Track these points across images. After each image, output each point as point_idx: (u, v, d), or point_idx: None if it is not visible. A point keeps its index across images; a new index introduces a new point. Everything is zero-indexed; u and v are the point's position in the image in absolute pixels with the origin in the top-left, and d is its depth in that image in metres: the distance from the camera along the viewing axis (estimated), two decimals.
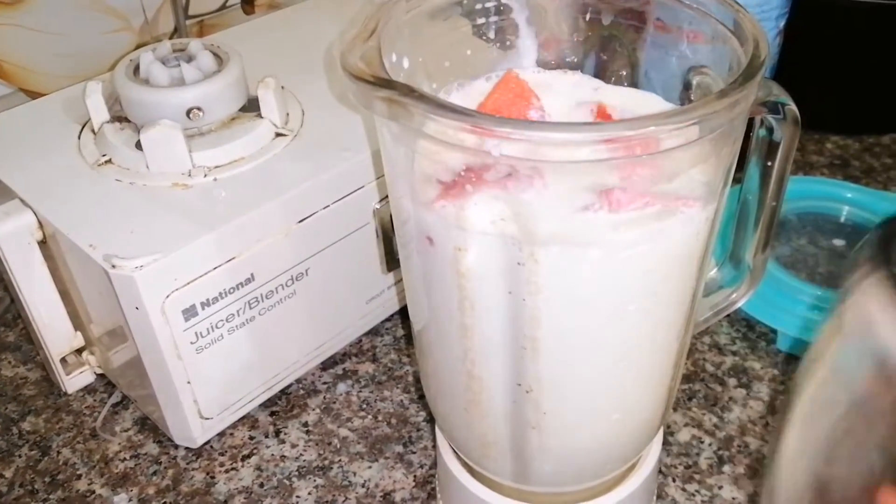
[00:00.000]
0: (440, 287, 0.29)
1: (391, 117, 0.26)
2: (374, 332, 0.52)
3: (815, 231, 0.57)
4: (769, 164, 0.33)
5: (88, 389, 0.49)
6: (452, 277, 0.28)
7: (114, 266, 0.37)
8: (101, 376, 0.49)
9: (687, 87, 0.33)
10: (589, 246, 0.26)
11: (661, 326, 0.29)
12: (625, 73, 0.34)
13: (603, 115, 0.32)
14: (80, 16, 0.62)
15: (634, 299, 0.27)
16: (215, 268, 0.39)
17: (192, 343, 0.40)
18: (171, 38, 0.67)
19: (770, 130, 0.32)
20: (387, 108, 0.25)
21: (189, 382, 0.41)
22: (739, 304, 0.37)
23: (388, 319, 0.52)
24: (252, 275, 0.41)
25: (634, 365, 0.30)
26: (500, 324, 0.28)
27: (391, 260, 0.48)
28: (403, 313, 0.53)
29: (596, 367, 0.29)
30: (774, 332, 0.50)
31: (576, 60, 0.35)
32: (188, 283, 0.39)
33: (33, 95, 0.62)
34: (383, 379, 0.49)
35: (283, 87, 0.47)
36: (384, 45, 0.28)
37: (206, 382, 0.42)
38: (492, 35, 0.34)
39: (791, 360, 0.49)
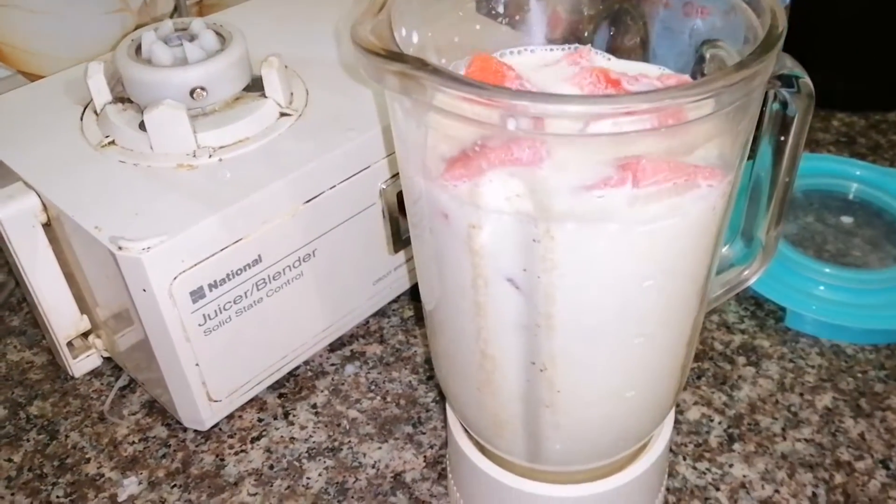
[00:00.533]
0: (453, 265, 0.29)
1: (403, 92, 0.25)
2: (381, 313, 0.52)
3: (822, 208, 0.56)
4: (782, 138, 0.32)
5: (95, 373, 0.49)
6: (466, 255, 0.28)
7: (120, 248, 0.37)
8: (107, 360, 0.49)
9: (700, 60, 0.32)
10: (606, 221, 0.25)
11: (676, 303, 0.29)
12: (636, 48, 0.34)
13: (608, 81, 0.31)
14: None
15: (651, 275, 0.27)
16: (222, 249, 0.39)
17: (199, 325, 0.40)
18: (170, 17, 0.67)
19: (783, 105, 0.31)
20: (399, 82, 0.25)
21: (197, 365, 0.41)
22: (752, 282, 0.37)
23: (394, 301, 0.52)
24: (259, 256, 0.41)
25: (649, 342, 0.30)
26: (515, 301, 0.28)
27: (398, 240, 0.48)
28: (410, 294, 0.53)
29: (611, 344, 0.29)
30: (783, 309, 0.50)
31: (585, 35, 0.34)
32: (195, 265, 0.38)
33: (32, 77, 0.61)
34: (391, 360, 0.49)
35: (286, 67, 0.47)
36: (394, 20, 0.27)
37: (215, 365, 0.42)
38: (500, 10, 0.33)
39: (800, 339, 0.49)
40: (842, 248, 0.54)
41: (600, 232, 0.26)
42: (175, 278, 0.38)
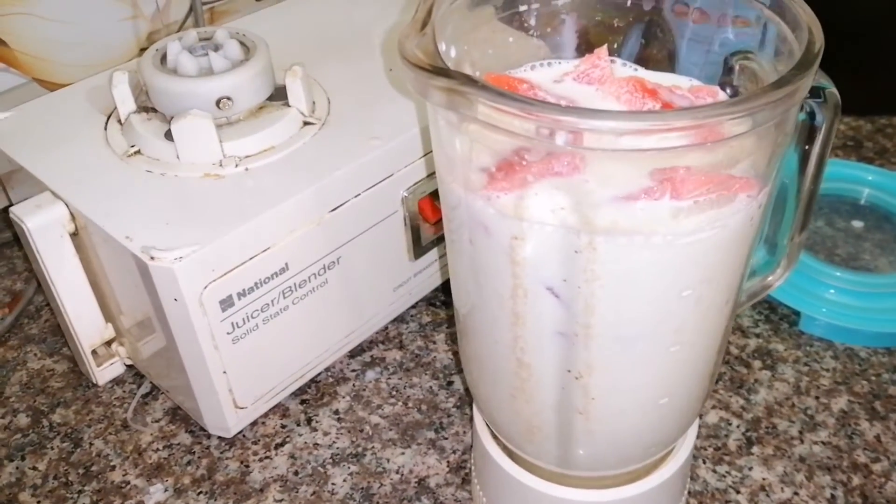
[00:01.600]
0: (493, 274, 0.29)
1: (449, 106, 0.26)
2: (399, 319, 0.52)
3: (833, 213, 0.57)
4: (808, 147, 0.33)
5: (117, 381, 0.49)
6: (506, 266, 0.28)
7: (153, 258, 0.37)
8: (129, 367, 0.49)
9: (728, 71, 0.33)
10: (648, 234, 0.26)
11: (711, 311, 0.30)
12: (664, 59, 0.34)
13: (645, 91, 0.32)
14: (92, 4, 0.62)
15: (690, 285, 0.28)
16: (251, 258, 0.39)
17: (228, 333, 0.40)
18: (182, 24, 0.67)
19: (810, 115, 0.32)
20: (445, 97, 0.25)
21: (225, 372, 0.41)
22: (775, 288, 0.37)
23: (413, 307, 0.53)
24: (286, 264, 0.41)
25: (684, 350, 0.30)
26: (554, 310, 0.29)
27: (419, 247, 0.48)
28: (427, 300, 0.53)
29: (647, 352, 0.30)
30: (797, 314, 0.51)
31: (615, 46, 0.35)
32: (225, 274, 0.39)
33: (47, 85, 0.61)
34: (411, 366, 0.50)
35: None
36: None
37: (242, 372, 0.42)
38: (532, 22, 0.34)
39: (814, 342, 0.50)
40: (852, 252, 0.54)
41: (642, 244, 0.26)
42: (206, 287, 0.38)
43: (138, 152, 0.43)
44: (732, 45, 0.32)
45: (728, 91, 0.32)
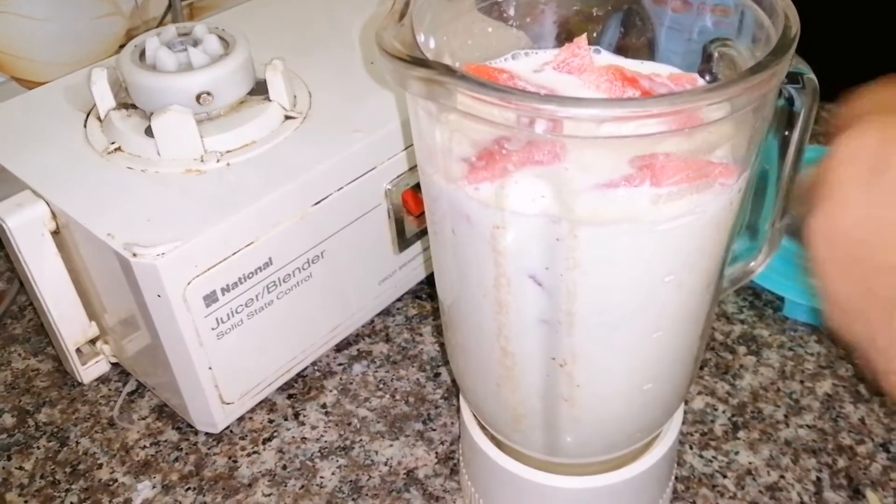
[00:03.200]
0: (475, 264, 0.29)
1: (428, 96, 0.26)
2: (385, 312, 0.52)
3: None
4: (787, 133, 0.33)
5: (102, 379, 0.49)
6: (489, 255, 0.28)
7: (135, 254, 0.37)
8: (114, 365, 0.49)
9: (707, 59, 0.33)
10: (629, 221, 0.26)
11: (693, 297, 0.30)
12: (644, 48, 0.34)
13: (625, 79, 0.32)
14: (71, 1, 0.61)
15: (671, 271, 0.28)
16: (235, 253, 0.39)
17: (213, 329, 0.40)
18: (161, 20, 0.67)
19: (789, 100, 0.32)
20: (424, 87, 0.25)
21: (210, 368, 0.41)
22: (757, 273, 0.37)
23: (398, 299, 0.53)
24: (270, 259, 0.41)
25: (667, 335, 0.30)
26: (537, 298, 0.29)
27: (403, 240, 0.48)
28: (413, 293, 0.53)
29: (630, 338, 0.30)
30: (781, 299, 0.51)
31: (595, 35, 0.35)
32: (208, 269, 0.39)
33: (25, 83, 0.61)
34: (398, 358, 0.50)
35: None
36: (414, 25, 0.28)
37: (227, 367, 0.42)
38: (512, 12, 0.34)
39: (798, 327, 0.50)
40: None
41: (623, 230, 0.26)
42: (189, 283, 0.38)
43: (119, 149, 0.43)
44: (711, 33, 0.32)
45: (707, 78, 0.32)
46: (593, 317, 0.29)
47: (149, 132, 0.42)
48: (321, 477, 0.44)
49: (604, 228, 0.26)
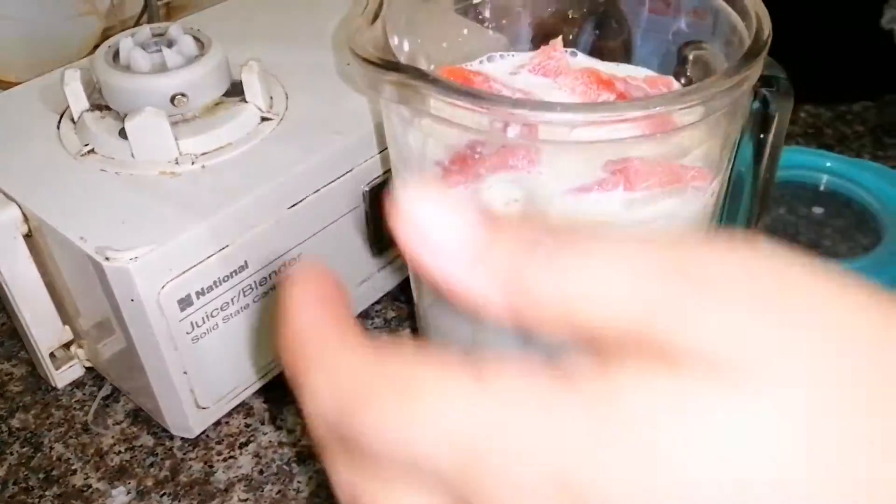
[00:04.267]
0: None
1: (401, 101, 0.25)
2: (364, 315, 0.52)
3: (794, 199, 0.58)
4: (762, 136, 0.33)
5: (77, 384, 0.48)
6: None
7: (108, 258, 0.36)
8: (89, 370, 0.49)
9: (682, 62, 0.33)
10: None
11: None
12: (620, 50, 0.34)
13: (600, 82, 0.32)
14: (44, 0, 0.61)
15: None
16: (209, 256, 0.39)
17: (187, 333, 0.40)
18: (138, 20, 0.66)
19: (763, 103, 0.32)
20: (396, 91, 0.25)
21: (185, 373, 0.41)
22: None
23: (377, 302, 0.52)
24: (245, 262, 0.41)
25: None
26: None
27: (380, 243, 0.48)
28: (392, 296, 0.53)
29: None
30: None
31: (570, 38, 0.35)
32: (183, 273, 0.38)
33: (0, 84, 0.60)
34: None
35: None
36: (386, 28, 0.28)
37: (203, 372, 0.42)
38: (487, 14, 0.34)
39: None
40: (813, 239, 0.55)
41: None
42: (163, 287, 0.38)
43: (92, 151, 0.42)
44: (686, 36, 0.32)
45: (682, 81, 0.32)
46: None
47: (123, 134, 0.41)
48: (298, 482, 0.43)
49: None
